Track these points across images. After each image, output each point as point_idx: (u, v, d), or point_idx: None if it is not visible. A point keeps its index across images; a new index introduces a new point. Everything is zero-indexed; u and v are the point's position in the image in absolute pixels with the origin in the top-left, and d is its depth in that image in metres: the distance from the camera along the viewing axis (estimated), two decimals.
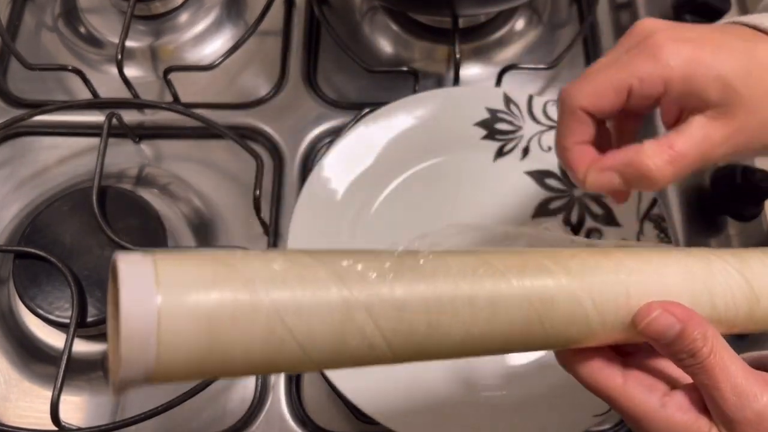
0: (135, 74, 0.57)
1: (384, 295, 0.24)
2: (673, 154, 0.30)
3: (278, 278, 0.23)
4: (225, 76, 0.58)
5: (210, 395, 0.45)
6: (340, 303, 0.23)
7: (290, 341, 0.23)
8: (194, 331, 0.21)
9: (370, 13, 0.61)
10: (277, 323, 0.22)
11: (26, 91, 0.58)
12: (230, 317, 0.22)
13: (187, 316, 0.21)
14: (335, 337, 0.23)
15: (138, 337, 0.21)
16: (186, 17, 0.60)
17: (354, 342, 0.24)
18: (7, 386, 0.47)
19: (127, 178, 0.54)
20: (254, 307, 0.22)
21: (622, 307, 0.28)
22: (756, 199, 0.50)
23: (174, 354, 0.21)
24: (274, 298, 0.22)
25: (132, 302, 0.21)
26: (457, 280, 0.26)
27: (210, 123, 0.51)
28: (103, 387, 0.47)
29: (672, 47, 0.30)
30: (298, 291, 0.23)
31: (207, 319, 0.21)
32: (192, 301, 0.21)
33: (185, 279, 0.22)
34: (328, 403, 0.46)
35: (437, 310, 0.25)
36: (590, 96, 0.32)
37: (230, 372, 0.23)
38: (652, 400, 0.28)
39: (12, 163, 0.55)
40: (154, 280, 0.21)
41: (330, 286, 0.23)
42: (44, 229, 0.47)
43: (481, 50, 0.59)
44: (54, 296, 0.45)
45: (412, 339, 0.25)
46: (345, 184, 0.49)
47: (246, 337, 0.22)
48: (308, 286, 0.23)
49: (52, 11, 0.62)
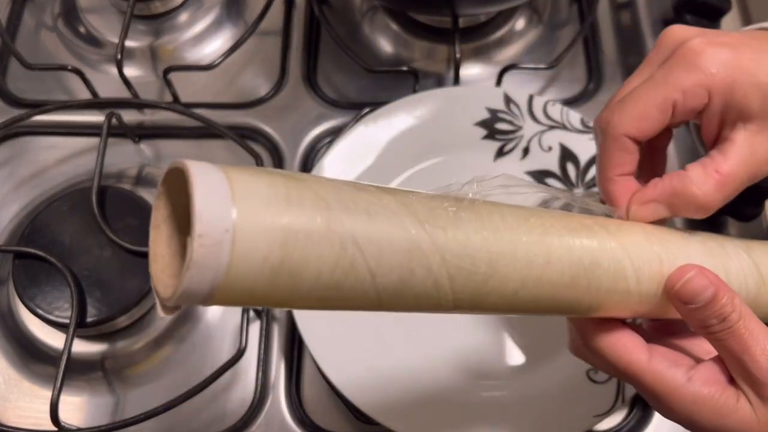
0: (135, 74, 0.57)
1: (450, 232, 0.24)
2: (719, 178, 0.29)
3: (350, 201, 0.22)
4: (225, 76, 0.58)
5: (210, 395, 0.45)
6: (410, 232, 0.23)
7: (361, 263, 0.22)
8: (268, 245, 0.20)
9: (370, 13, 0.61)
10: (349, 243, 0.22)
11: (26, 91, 0.58)
12: (304, 234, 0.21)
13: (262, 231, 0.20)
14: (403, 265, 0.23)
15: (211, 241, 0.19)
16: (186, 17, 0.60)
17: (420, 275, 0.23)
18: (6, 386, 0.47)
19: (127, 178, 0.54)
20: (328, 226, 0.21)
21: (656, 274, 0.28)
22: (756, 199, 0.50)
23: (246, 266, 0.20)
24: (347, 219, 0.22)
25: (207, 210, 0.19)
26: (514, 229, 0.26)
27: (210, 123, 0.51)
28: (103, 387, 0.47)
29: (711, 52, 0.29)
30: (369, 215, 0.22)
31: (282, 234, 0.21)
32: (268, 216, 0.20)
33: (260, 194, 0.21)
34: (328, 403, 0.46)
35: (497, 254, 0.25)
36: (634, 120, 0.30)
37: (297, 296, 0.22)
38: (678, 375, 0.28)
39: (11, 162, 0.55)
40: (229, 193, 0.20)
41: (400, 215, 0.23)
42: (44, 229, 0.47)
43: (482, 50, 0.59)
44: (53, 296, 0.45)
45: (473, 280, 0.25)
46: None
47: (318, 254, 0.21)
48: (379, 212, 0.23)
49: (51, 11, 0.62)
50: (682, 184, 0.29)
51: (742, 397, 0.28)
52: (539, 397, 0.43)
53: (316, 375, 0.47)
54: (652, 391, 0.28)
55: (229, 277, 0.20)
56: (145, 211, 0.48)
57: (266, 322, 0.48)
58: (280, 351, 0.47)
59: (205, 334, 0.48)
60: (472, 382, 0.44)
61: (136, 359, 0.47)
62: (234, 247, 0.20)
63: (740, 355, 0.27)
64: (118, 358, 0.47)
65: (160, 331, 0.48)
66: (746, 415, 0.27)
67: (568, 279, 0.27)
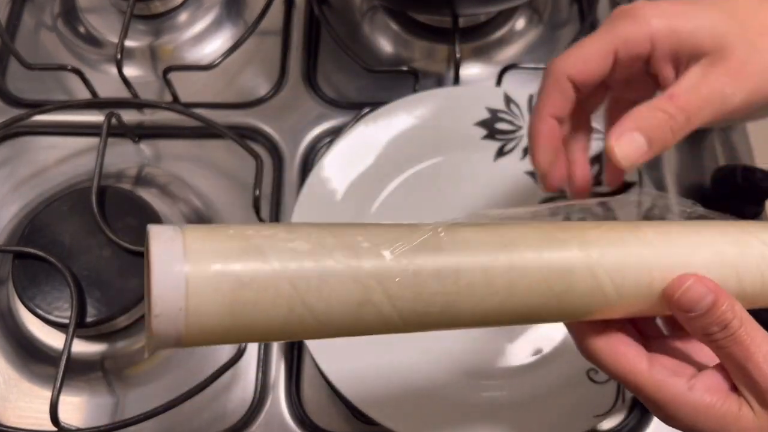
0: (134, 74, 0.57)
1: (399, 270, 0.25)
2: (679, 103, 0.31)
3: (298, 256, 0.24)
4: (224, 76, 0.58)
5: (210, 395, 0.45)
6: (355, 281, 0.24)
7: (309, 318, 0.24)
8: (219, 298, 0.23)
9: (370, 13, 0.61)
10: (296, 301, 0.24)
11: (25, 91, 0.58)
12: (252, 290, 0.23)
13: (212, 284, 0.23)
14: (352, 315, 0.25)
15: (169, 302, 0.22)
16: (185, 17, 0.60)
17: (370, 317, 0.25)
18: (6, 386, 0.47)
19: (127, 178, 0.54)
20: (275, 283, 0.23)
21: (643, 279, 0.28)
22: (756, 199, 0.50)
23: (201, 319, 0.23)
24: (293, 274, 0.24)
25: (162, 270, 0.22)
26: (473, 252, 0.26)
27: (209, 123, 0.51)
28: (103, 387, 0.47)
29: (650, 6, 0.31)
30: (316, 270, 0.24)
31: (230, 288, 0.23)
32: (218, 269, 0.23)
33: (211, 250, 0.23)
34: (328, 403, 0.46)
35: (453, 284, 0.25)
36: (577, 63, 0.32)
37: (254, 338, 0.25)
38: (680, 383, 0.28)
39: (11, 162, 0.55)
40: (182, 250, 0.22)
41: (348, 262, 0.24)
42: (43, 229, 0.47)
43: (482, 50, 0.59)
44: (53, 296, 0.45)
45: (428, 313, 0.25)
46: (345, 184, 0.49)
47: (266, 309, 0.23)
48: (327, 265, 0.24)
49: (51, 11, 0.62)
50: (650, 108, 0.31)
51: (745, 404, 0.28)
52: (539, 397, 0.43)
53: (316, 375, 0.47)
54: (654, 399, 0.28)
55: (189, 330, 0.23)
56: (145, 211, 0.48)
57: None
58: (280, 351, 0.47)
59: None
60: (471, 382, 0.44)
61: (135, 359, 0.47)
62: (188, 306, 0.22)
63: (743, 362, 0.27)
64: (118, 358, 0.47)
65: None
66: (749, 422, 0.27)
67: (536, 294, 0.26)
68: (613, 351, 0.29)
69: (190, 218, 0.52)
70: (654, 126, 0.31)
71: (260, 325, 0.24)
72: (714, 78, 0.31)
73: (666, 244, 0.29)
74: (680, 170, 0.52)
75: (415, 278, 0.25)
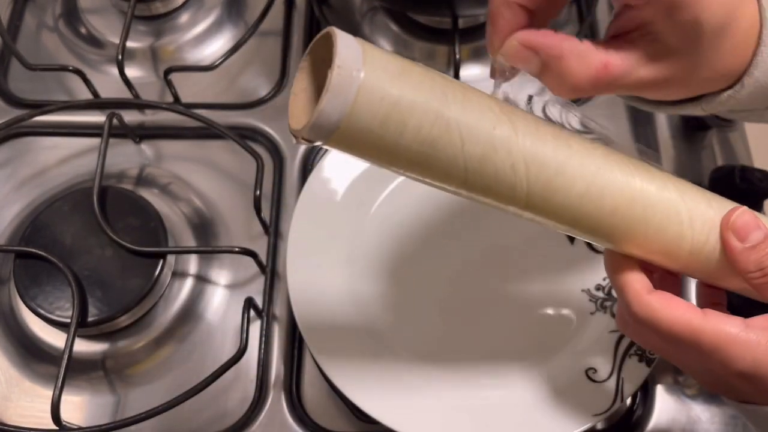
0: (136, 74, 0.58)
1: (530, 137, 0.28)
2: (602, 73, 0.28)
3: (455, 93, 0.27)
4: (225, 77, 0.58)
5: (210, 395, 0.46)
6: (497, 119, 0.27)
7: (454, 128, 0.26)
8: (384, 92, 0.25)
9: (370, 14, 0.61)
10: (445, 112, 0.26)
11: (27, 92, 0.58)
12: (412, 96, 0.26)
13: (381, 83, 0.25)
14: (488, 142, 0.27)
15: (346, 73, 0.24)
16: (186, 18, 0.61)
17: (501, 155, 0.27)
18: (8, 386, 0.47)
19: (128, 179, 0.54)
20: (431, 97, 0.26)
21: (708, 221, 0.30)
22: (754, 199, 0.50)
23: (366, 102, 0.25)
24: (450, 99, 0.26)
25: (346, 52, 0.24)
26: (587, 153, 0.29)
27: (210, 123, 0.51)
28: (104, 386, 0.47)
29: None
30: (464, 105, 0.27)
31: (396, 91, 0.25)
32: (386, 76, 0.25)
33: (384, 64, 0.25)
34: (328, 403, 0.46)
35: (567, 160, 0.29)
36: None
37: (400, 146, 0.26)
38: (736, 323, 0.29)
39: (13, 163, 0.55)
40: (362, 54, 0.25)
41: (491, 103, 0.28)
42: (45, 229, 0.47)
43: (481, 50, 0.59)
44: (55, 296, 0.45)
45: (545, 173, 0.28)
46: (345, 184, 0.49)
47: (422, 110, 0.26)
48: (473, 98, 0.27)
49: (52, 12, 0.62)
50: (567, 52, 0.28)
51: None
52: (539, 397, 0.43)
53: (316, 375, 0.47)
54: (711, 343, 0.29)
55: (353, 110, 0.25)
56: (146, 211, 0.48)
57: (267, 322, 0.48)
58: (281, 351, 0.47)
59: (206, 334, 0.48)
60: (471, 381, 0.44)
61: (137, 359, 0.48)
62: (361, 84, 0.24)
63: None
64: (119, 357, 0.48)
65: (160, 331, 0.48)
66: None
67: (628, 200, 0.29)
68: (668, 303, 0.30)
69: (191, 218, 0.52)
70: (555, 72, 0.29)
71: (412, 129, 0.25)
72: (661, 64, 0.28)
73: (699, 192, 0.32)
74: (678, 170, 0.53)
75: (537, 130, 0.28)
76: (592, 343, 0.44)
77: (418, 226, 0.48)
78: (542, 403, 0.43)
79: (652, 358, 0.43)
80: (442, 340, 0.45)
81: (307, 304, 0.44)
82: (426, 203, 0.49)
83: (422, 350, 0.45)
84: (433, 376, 0.44)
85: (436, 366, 0.44)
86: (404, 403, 0.42)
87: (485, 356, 0.45)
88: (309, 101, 0.27)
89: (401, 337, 0.45)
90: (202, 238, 0.51)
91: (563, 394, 0.43)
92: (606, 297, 0.46)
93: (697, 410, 0.46)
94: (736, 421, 0.45)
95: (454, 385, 0.44)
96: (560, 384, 0.43)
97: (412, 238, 0.48)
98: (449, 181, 0.28)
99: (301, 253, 0.46)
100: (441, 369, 0.44)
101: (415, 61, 0.27)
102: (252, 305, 0.47)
